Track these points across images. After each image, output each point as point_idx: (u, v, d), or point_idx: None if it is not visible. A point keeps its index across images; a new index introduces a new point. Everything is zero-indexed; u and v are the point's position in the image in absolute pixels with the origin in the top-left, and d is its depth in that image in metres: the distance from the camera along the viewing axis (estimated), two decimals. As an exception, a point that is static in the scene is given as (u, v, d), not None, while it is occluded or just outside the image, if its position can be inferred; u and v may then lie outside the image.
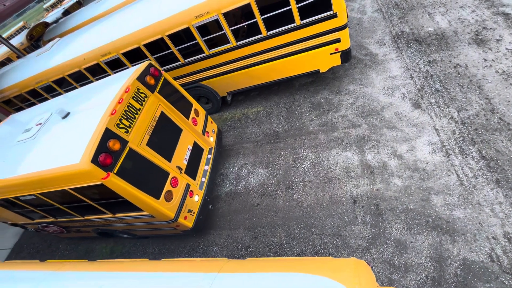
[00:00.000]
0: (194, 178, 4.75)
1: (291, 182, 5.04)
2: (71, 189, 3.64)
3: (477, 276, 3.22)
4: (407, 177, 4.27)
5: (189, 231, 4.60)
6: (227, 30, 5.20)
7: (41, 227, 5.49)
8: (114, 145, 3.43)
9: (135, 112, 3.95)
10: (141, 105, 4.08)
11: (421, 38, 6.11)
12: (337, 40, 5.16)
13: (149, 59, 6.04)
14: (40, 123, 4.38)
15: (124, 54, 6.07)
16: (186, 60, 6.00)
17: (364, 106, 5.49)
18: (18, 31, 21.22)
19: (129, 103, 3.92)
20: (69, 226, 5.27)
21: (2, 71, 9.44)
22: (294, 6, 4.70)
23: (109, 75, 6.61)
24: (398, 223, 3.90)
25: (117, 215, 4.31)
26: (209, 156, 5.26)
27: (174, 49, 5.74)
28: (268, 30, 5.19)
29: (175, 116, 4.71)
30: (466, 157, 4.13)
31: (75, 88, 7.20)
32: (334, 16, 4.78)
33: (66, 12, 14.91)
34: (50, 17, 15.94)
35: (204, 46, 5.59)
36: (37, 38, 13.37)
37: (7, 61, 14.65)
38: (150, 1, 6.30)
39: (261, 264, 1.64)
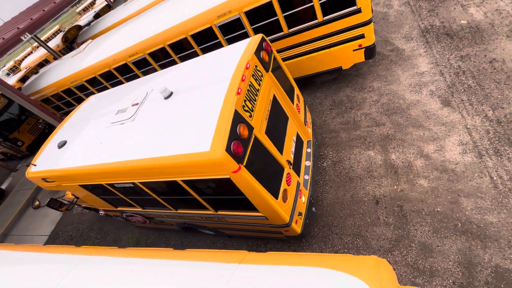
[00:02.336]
0: (298, 175, 4.07)
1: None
2: (183, 180, 3.06)
3: (511, 285, 3.02)
4: (434, 178, 4.08)
5: (295, 237, 3.96)
6: (248, 28, 5.25)
7: (125, 215, 5.13)
8: (244, 131, 2.81)
9: (255, 93, 3.31)
10: (259, 85, 3.44)
11: (453, 31, 5.76)
12: (361, 36, 5.02)
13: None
14: (137, 104, 3.86)
15: (150, 54, 6.35)
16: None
17: (389, 104, 5.30)
18: (54, 34, 22.85)
19: (250, 82, 3.28)
20: (155, 217, 4.82)
21: (41, 72, 10.24)
22: (316, 2, 4.64)
23: (137, 75, 6.95)
24: (424, 226, 3.75)
25: (219, 212, 3.70)
26: (308, 150, 4.57)
27: (197, 48, 5.89)
28: (289, 28, 5.17)
29: (283, 101, 4.12)
30: (501, 158, 3.86)
31: (106, 87, 7.65)
32: (358, 11, 4.65)
33: (97, 15, 15.80)
34: (82, 20, 16.98)
35: (225, 45, 5.69)
36: (71, 40, 14.34)
37: (45, 62, 15.85)
38: (174, 3, 6.52)
39: (281, 257, 1.67)
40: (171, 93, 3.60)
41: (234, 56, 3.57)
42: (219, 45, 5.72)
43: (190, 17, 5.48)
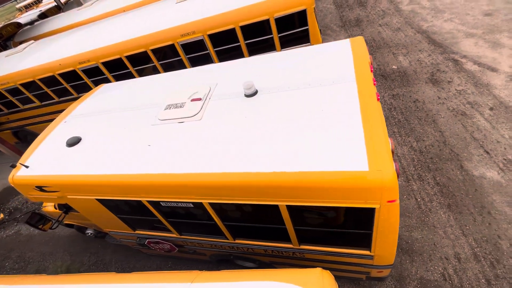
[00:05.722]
0: None
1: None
2: (291, 206, 2.34)
3: (432, 294, 3.47)
4: (372, 199, 4.56)
5: (379, 279, 3.37)
6: (211, 50, 5.42)
7: (148, 241, 3.98)
8: (393, 146, 2.17)
9: None
10: None
11: (387, 74, 6.81)
12: (314, 69, 5.57)
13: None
14: (199, 99, 3.13)
15: (104, 64, 6.01)
16: (168, 75, 6.07)
17: (336, 131, 5.87)
18: (-16, 29, 19.91)
19: None
20: (190, 245, 3.83)
21: (-39, 69, 8.74)
22: (275, 35, 5.07)
23: (85, 83, 6.45)
24: (364, 243, 4.12)
25: (302, 247, 3.00)
26: None
27: (156, 63, 5.80)
28: (250, 55, 5.49)
29: None
30: (423, 182, 4.55)
31: (46, 93, 6.89)
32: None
33: (43, 15, 14.43)
34: (23, 18, 15.28)
35: (187, 64, 5.74)
36: (7, 38, 12.69)
37: (-32, 58, 13.58)
38: (135, 15, 6.42)
39: (234, 275, 1.68)
40: (256, 92, 2.97)
41: (337, 56, 3.06)
42: (180, 63, 5.74)
43: (153, 31, 5.44)
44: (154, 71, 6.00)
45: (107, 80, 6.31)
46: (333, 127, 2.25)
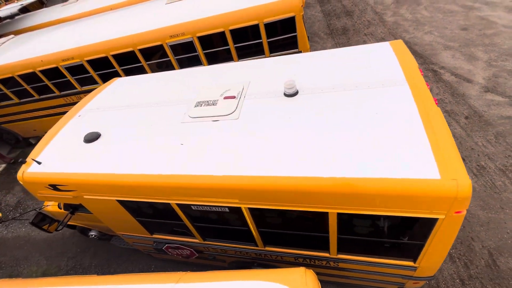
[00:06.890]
0: None
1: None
2: (342, 214, 2.19)
3: (410, 294, 3.60)
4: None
5: None
6: (200, 52, 5.43)
7: (167, 246, 3.73)
8: None
9: None
10: None
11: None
12: (301, 75, 5.69)
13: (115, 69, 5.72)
14: (233, 97, 2.97)
15: (89, 62, 5.87)
16: (155, 75, 6.01)
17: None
18: (-41, 20, 18.88)
19: None
20: (211, 251, 3.62)
21: None
22: (265, 40, 5.16)
23: (68, 80, 6.27)
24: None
25: (340, 256, 2.84)
26: None
27: (144, 63, 5.74)
28: (239, 58, 5.55)
29: None
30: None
31: (25, 90, 6.63)
32: (299, 52, 5.33)
33: (24, 9, 13.90)
34: (3, 11, 14.64)
35: (176, 65, 5.71)
36: (-16, 31, 12.10)
37: None
38: (123, 14, 6.34)
39: (219, 275, 1.69)
40: (297, 92, 2.83)
41: (380, 58, 2.98)
42: (168, 64, 5.71)
43: (141, 31, 5.39)
44: (142, 71, 5.92)
45: (91, 78, 6.16)
46: (391, 132, 2.10)
